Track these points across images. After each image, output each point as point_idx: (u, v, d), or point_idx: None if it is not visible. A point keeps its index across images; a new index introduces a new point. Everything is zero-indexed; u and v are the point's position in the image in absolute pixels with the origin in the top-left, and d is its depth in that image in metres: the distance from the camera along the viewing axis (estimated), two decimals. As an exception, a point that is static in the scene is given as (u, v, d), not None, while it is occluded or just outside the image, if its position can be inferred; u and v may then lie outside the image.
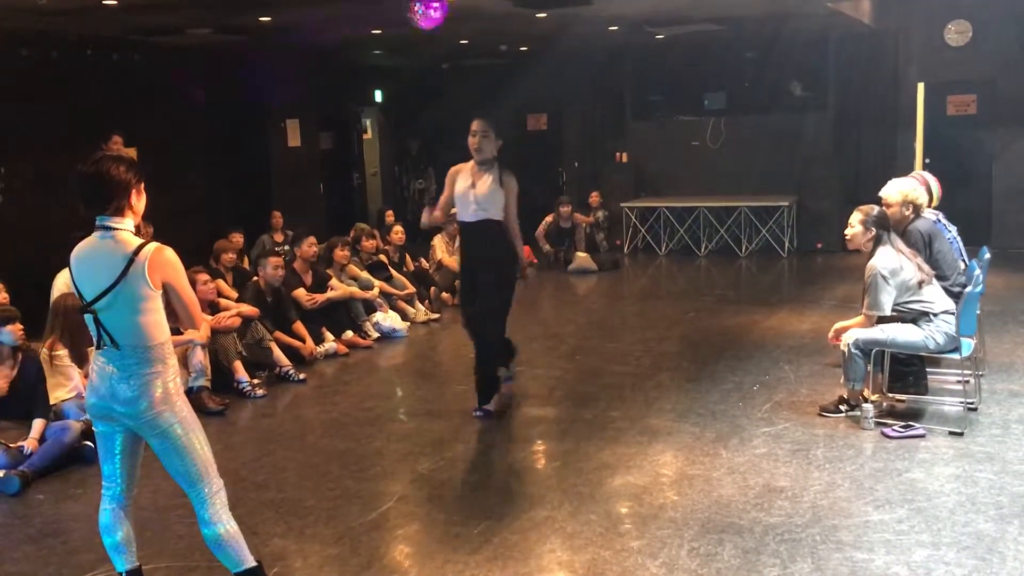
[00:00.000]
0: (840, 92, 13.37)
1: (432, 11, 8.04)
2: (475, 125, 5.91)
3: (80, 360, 5.88)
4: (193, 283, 5.48)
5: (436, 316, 9.45)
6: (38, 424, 5.48)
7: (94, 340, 3.40)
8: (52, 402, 5.77)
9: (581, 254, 12.30)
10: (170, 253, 3.37)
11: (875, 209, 5.73)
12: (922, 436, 5.34)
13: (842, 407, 5.75)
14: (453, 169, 6.03)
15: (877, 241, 5.61)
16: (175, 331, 3.58)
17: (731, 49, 13.48)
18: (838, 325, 5.89)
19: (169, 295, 3.38)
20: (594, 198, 13.54)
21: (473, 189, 5.85)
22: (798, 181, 13.20)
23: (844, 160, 13.23)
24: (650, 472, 5.00)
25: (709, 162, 13.83)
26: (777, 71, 13.33)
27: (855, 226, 5.67)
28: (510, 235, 5.98)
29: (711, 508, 4.48)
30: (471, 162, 5.95)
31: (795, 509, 4.43)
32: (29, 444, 5.37)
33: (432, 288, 9.98)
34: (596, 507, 4.55)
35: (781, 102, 13.61)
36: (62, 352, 5.89)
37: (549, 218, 12.75)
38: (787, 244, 12.94)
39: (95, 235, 3.36)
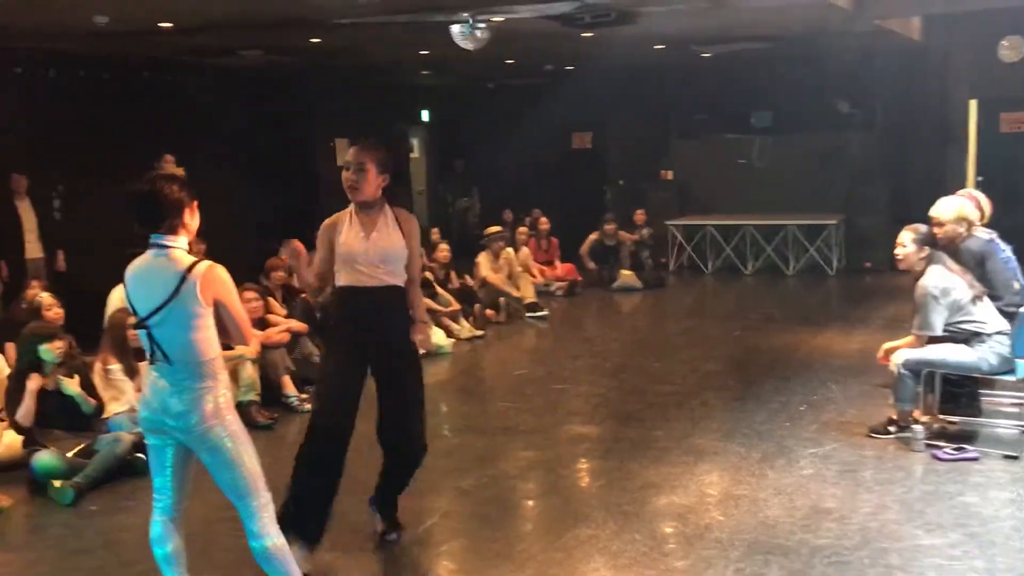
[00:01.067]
0: (888, 110, 13.21)
1: (477, 32, 8.12)
2: (350, 154, 4.23)
3: (131, 373, 6.01)
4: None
5: (480, 333, 9.48)
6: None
7: (147, 355, 3.48)
8: (105, 415, 5.90)
9: (625, 272, 12.27)
10: (221, 271, 3.43)
11: (923, 227, 5.66)
12: (975, 459, 5.23)
13: (891, 428, 5.66)
14: (328, 223, 4.27)
15: (929, 260, 5.53)
16: (226, 346, 3.64)
17: (777, 67, 13.40)
18: (887, 345, 5.81)
19: (220, 312, 3.45)
20: (639, 216, 13.49)
21: (367, 242, 4.15)
22: (846, 199, 13.04)
23: (892, 178, 13.05)
24: (695, 492, 4.96)
25: (755, 180, 13.72)
26: (824, 89, 13.22)
27: (907, 245, 5.59)
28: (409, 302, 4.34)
29: (757, 529, 4.43)
30: (349, 208, 4.26)
31: (843, 531, 4.37)
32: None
33: (476, 305, 10.03)
34: (641, 526, 4.53)
35: (828, 120, 13.47)
36: (115, 366, 6.01)
37: (594, 236, 12.74)
38: (835, 263, 12.78)
39: (149, 252, 3.44)
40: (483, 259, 10.58)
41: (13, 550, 4.76)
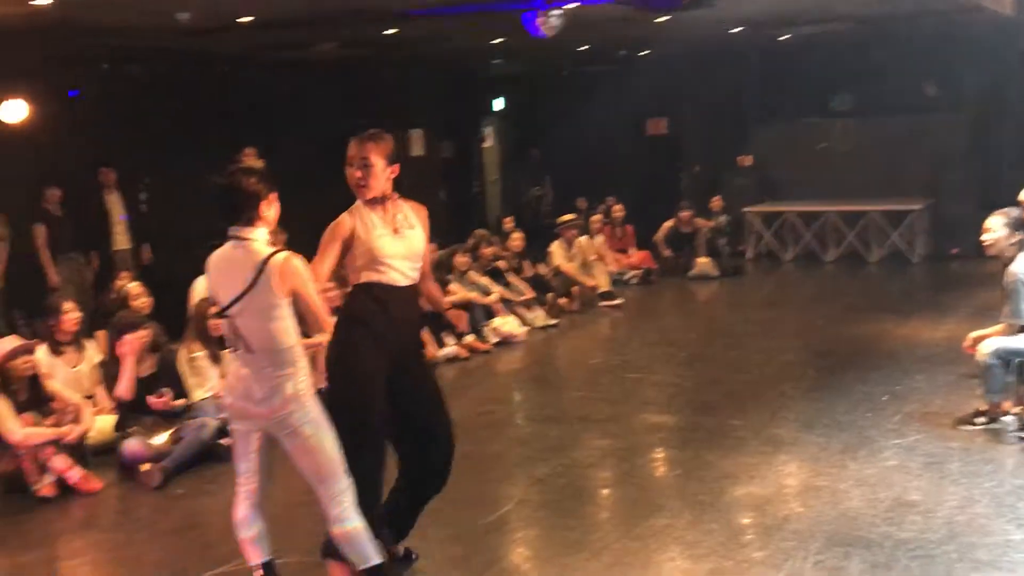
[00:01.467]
0: (977, 90, 12.73)
1: (551, 18, 8.09)
2: (351, 149, 3.90)
3: (215, 360, 6.17)
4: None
5: (554, 322, 9.48)
6: None
7: (229, 343, 3.58)
8: (191, 401, 6.08)
9: (702, 260, 12.10)
10: (297, 262, 3.49)
11: (1014, 212, 5.47)
12: (1069, 452, 5.05)
13: (980, 419, 5.49)
14: (337, 224, 3.89)
15: (1020, 246, 5.34)
16: (305, 334, 3.72)
17: (859, 48, 13.04)
18: (975, 333, 5.63)
19: (297, 302, 3.52)
20: (716, 203, 13.30)
21: (401, 241, 3.90)
22: (932, 184, 12.64)
23: (980, 162, 12.60)
24: (773, 483, 4.89)
25: (836, 165, 13.37)
26: (909, 70, 12.82)
27: (997, 230, 5.40)
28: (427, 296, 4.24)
29: (838, 520, 4.35)
30: (357, 204, 3.94)
31: (928, 525, 4.25)
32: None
33: (550, 294, 10.02)
34: (717, 516, 4.48)
35: (913, 102, 13.05)
36: (200, 354, 6.18)
37: (669, 223, 12.59)
38: (919, 249, 12.40)
39: (229, 244, 3.53)
40: (557, 247, 10.57)
41: (104, 531, 4.96)
